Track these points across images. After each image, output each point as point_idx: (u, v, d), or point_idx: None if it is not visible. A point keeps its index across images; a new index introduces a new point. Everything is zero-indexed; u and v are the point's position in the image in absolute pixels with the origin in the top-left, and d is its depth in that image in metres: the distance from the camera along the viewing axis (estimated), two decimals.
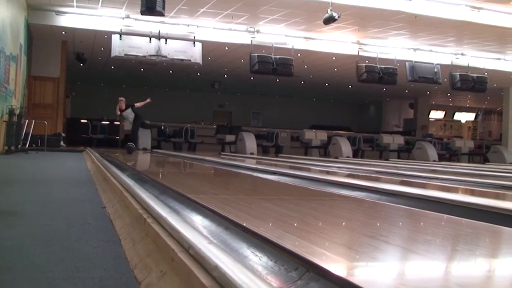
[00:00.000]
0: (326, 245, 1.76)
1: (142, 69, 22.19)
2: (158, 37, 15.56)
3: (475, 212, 2.96)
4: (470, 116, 33.80)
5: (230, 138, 19.80)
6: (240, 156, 15.42)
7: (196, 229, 2.05)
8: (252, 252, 1.66)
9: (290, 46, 16.76)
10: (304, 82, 24.46)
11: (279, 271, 1.44)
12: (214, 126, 21.62)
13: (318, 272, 1.34)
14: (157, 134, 18.48)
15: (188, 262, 1.63)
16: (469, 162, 21.25)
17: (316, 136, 20.84)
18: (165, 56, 15.69)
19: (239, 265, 1.44)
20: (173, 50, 15.80)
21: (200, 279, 1.47)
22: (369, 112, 33.70)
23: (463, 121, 33.84)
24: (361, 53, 17.64)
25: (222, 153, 17.71)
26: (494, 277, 1.47)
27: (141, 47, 15.55)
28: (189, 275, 1.57)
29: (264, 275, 1.43)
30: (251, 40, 16.42)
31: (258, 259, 1.59)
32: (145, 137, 16.54)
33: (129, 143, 13.29)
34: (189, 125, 20.49)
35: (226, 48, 17.74)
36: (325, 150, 20.92)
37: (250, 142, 18.51)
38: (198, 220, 2.39)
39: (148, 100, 15.34)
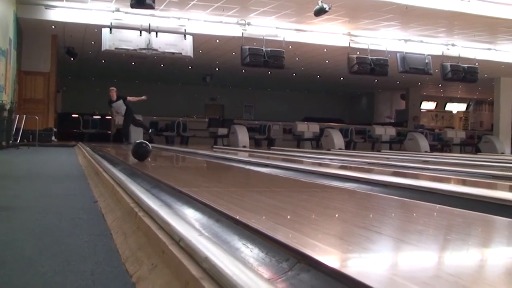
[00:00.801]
0: (318, 236, 1.76)
1: (133, 63, 22.12)
2: (149, 30, 15.50)
3: (467, 202, 2.97)
4: (462, 107, 33.89)
5: (222, 131, 19.79)
6: (233, 149, 15.41)
7: (187, 222, 2.04)
8: (243, 244, 1.66)
9: (281, 39, 16.74)
10: (295, 74, 24.45)
11: (270, 262, 1.44)
12: (206, 120, 21.59)
13: (309, 262, 1.33)
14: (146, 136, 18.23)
15: (179, 254, 1.63)
16: (460, 152, 21.33)
17: (308, 129, 20.86)
18: (156, 50, 15.64)
19: (229, 257, 1.43)
20: (164, 43, 15.76)
21: (190, 271, 1.47)
22: (361, 104, 33.74)
23: (454, 111, 33.93)
24: (352, 45, 17.64)
25: (215, 146, 17.70)
26: (487, 266, 1.47)
27: (132, 40, 15.50)
28: (179, 267, 1.57)
29: (255, 266, 1.43)
30: (242, 33, 16.38)
31: (249, 250, 1.59)
32: (137, 131, 16.49)
33: (140, 145, 6.39)
34: (181, 118, 20.46)
35: (217, 41, 17.69)
36: (318, 142, 20.95)
37: (243, 135, 18.51)
38: (189, 213, 2.38)
39: (143, 97, 15.28)
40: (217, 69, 24.00)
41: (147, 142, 6.15)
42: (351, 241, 1.68)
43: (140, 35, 15.47)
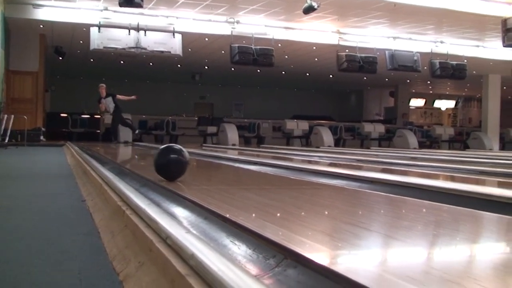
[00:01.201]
0: (306, 233, 1.75)
1: (122, 62, 22.02)
2: (137, 29, 15.44)
3: (455, 198, 2.98)
4: (450, 104, 34.01)
5: (211, 129, 19.76)
6: (222, 147, 15.40)
7: (175, 220, 2.04)
8: (231, 241, 1.66)
9: (270, 37, 16.73)
10: (285, 72, 24.44)
11: (258, 259, 1.44)
12: (196, 118, 21.54)
13: (295, 259, 1.33)
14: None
15: (166, 252, 1.62)
16: (449, 149, 21.41)
17: (298, 126, 20.89)
18: (144, 48, 15.59)
19: (216, 254, 1.43)
20: (153, 42, 15.71)
21: (177, 268, 1.46)
22: (350, 101, 33.80)
23: (443, 108, 34.04)
24: (341, 42, 17.65)
25: (204, 144, 17.67)
26: (474, 261, 1.48)
27: (120, 39, 15.43)
28: (166, 264, 1.56)
29: (242, 263, 1.43)
30: (231, 31, 16.35)
31: (237, 248, 1.58)
32: (126, 130, 16.43)
33: (168, 151, 3.51)
34: (170, 117, 20.41)
35: (206, 39, 17.65)
36: (307, 140, 20.97)
37: (232, 133, 18.49)
38: (178, 211, 2.38)
39: (133, 97, 15.24)
40: (206, 67, 23.96)
41: (181, 148, 3.51)
42: (340, 238, 1.68)
43: (129, 34, 15.41)
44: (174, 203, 2.54)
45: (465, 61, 18.79)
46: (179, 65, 22.89)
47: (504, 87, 23.64)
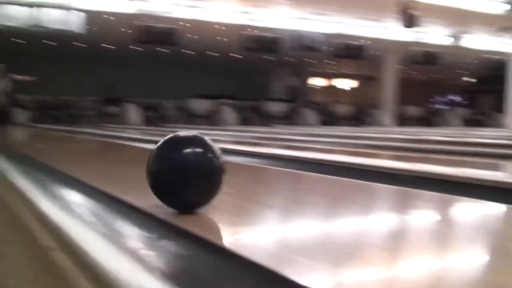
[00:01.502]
0: (203, 211, 1.67)
1: (21, 41, 21.05)
2: (36, 6, 14.79)
3: (351, 171, 3.03)
4: (351, 83, 35.00)
5: (113, 110, 19.43)
6: (123, 127, 15.11)
7: (56, 199, 1.91)
8: (114, 218, 1.58)
9: (175, 15, 16.48)
10: (191, 52, 24.23)
11: (139, 235, 1.40)
12: (98, 98, 21.08)
13: (179, 232, 1.29)
14: None
15: (37, 228, 1.54)
16: (347, 126, 22.06)
17: (202, 106, 21.03)
18: (45, 27, 15.01)
19: (88, 228, 1.36)
20: (53, 19, 15.15)
21: (43, 242, 1.37)
22: (254, 81, 33.99)
23: (343, 87, 34.97)
24: (246, 22, 17.69)
25: (105, 125, 17.25)
26: (369, 231, 1.48)
27: (18, 17, 14.80)
28: (35, 240, 1.48)
29: (120, 238, 1.35)
30: (136, 10, 15.97)
31: (118, 224, 1.51)
32: (21, 111, 15.82)
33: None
34: (71, 97, 19.85)
35: (111, 17, 17.13)
36: (211, 119, 21.06)
37: (134, 113, 18.29)
38: (61, 190, 2.23)
39: (30, 78, 14.66)
40: (111, 47, 23.36)
41: (205, 139, 1.83)
42: (236, 214, 1.68)
43: (27, 11, 14.75)
44: (59, 183, 2.38)
45: (366, 41, 19.37)
46: (82, 45, 22.16)
47: (404, 67, 24.57)
